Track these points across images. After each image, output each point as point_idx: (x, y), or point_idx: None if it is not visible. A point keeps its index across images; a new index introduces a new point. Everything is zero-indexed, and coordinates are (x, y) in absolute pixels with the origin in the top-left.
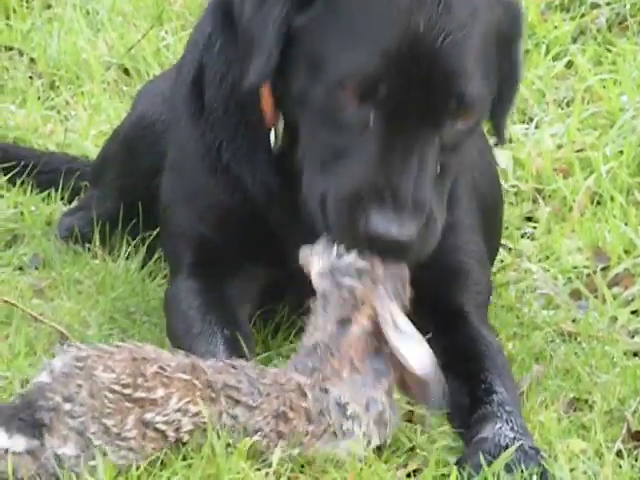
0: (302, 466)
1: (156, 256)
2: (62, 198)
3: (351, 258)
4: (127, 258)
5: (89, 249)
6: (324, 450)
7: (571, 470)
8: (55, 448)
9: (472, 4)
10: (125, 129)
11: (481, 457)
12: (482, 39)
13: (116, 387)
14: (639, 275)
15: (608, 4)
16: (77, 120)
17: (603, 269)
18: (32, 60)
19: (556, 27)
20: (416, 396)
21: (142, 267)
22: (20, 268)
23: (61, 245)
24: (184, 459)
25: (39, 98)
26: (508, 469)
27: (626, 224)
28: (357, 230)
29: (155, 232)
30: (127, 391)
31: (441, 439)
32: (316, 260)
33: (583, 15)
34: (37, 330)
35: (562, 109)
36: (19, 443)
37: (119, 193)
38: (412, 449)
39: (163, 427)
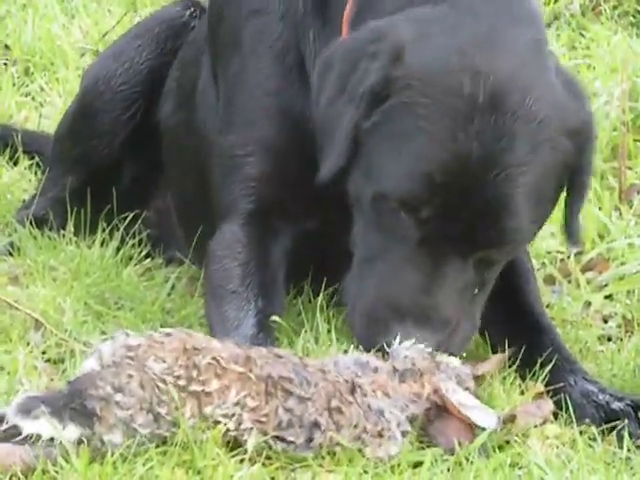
0: (276, 453)
1: (131, 242)
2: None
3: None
4: (102, 244)
5: (63, 235)
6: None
7: (545, 455)
8: (103, 435)
9: (535, 140)
10: (78, 97)
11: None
12: (540, 175)
13: (169, 378)
14: (613, 260)
15: None
16: (52, 106)
17: (577, 254)
18: (6, 47)
19: None
20: (444, 442)
21: (117, 252)
22: None
23: (36, 232)
24: (157, 446)
25: (14, 85)
26: None
27: (600, 209)
28: (379, 341)
29: (130, 216)
30: (181, 382)
31: None
32: None
33: (556, 0)
34: (12, 317)
35: None
36: (72, 433)
37: (77, 166)
38: None
39: (223, 420)
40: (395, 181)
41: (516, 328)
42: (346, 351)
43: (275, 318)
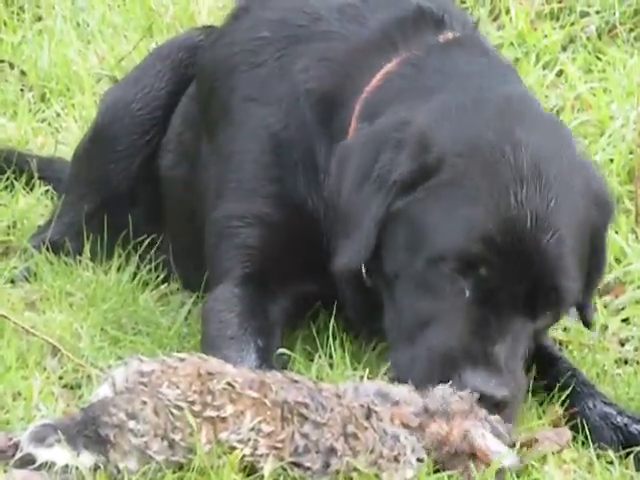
0: (293, 479)
1: (147, 267)
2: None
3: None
4: (118, 270)
5: (80, 261)
6: (393, 477)
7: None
8: (117, 462)
9: (575, 204)
10: (95, 121)
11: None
12: (579, 235)
13: (183, 404)
14: (629, 283)
15: (598, 12)
16: (68, 132)
17: None
18: (23, 72)
19: (546, 36)
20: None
21: (134, 277)
22: (12, 281)
23: (52, 257)
24: (174, 472)
25: (30, 110)
26: None
27: (616, 232)
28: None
29: (147, 240)
30: (196, 408)
31: None
32: None
33: (573, 23)
34: (29, 343)
35: None
36: (87, 460)
37: (93, 191)
38: None
39: (239, 445)
40: (453, 242)
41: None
42: (362, 377)
43: (283, 350)
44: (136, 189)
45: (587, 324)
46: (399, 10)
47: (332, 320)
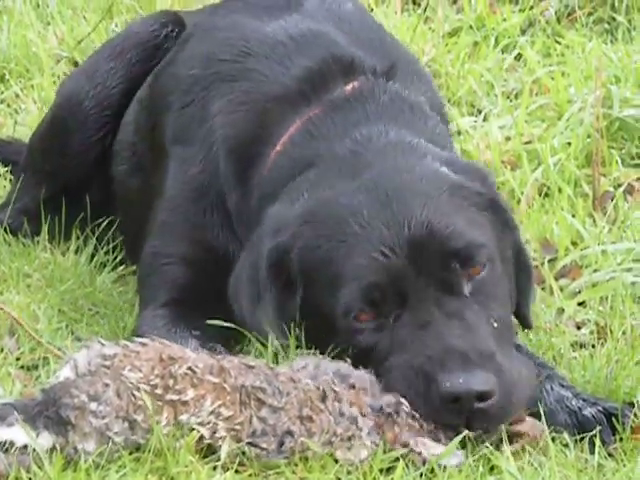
0: (249, 459)
1: (105, 249)
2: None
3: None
4: (76, 251)
5: (37, 242)
6: (346, 454)
7: (517, 461)
8: (76, 443)
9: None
10: (52, 113)
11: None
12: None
13: (145, 387)
14: (586, 267)
15: None
16: (27, 113)
17: (550, 261)
18: None
19: (505, 19)
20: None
21: (91, 259)
22: None
23: (10, 238)
24: (131, 453)
25: None
26: None
27: (574, 216)
28: (434, 402)
29: (104, 222)
30: (158, 392)
31: None
32: None
33: (532, 7)
34: None
35: (510, 101)
36: (45, 440)
37: (50, 178)
38: None
39: (199, 428)
40: (349, 295)
41: None
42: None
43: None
44: (92, 178)
45: (527, 327)
46: (315, 56)
47: None
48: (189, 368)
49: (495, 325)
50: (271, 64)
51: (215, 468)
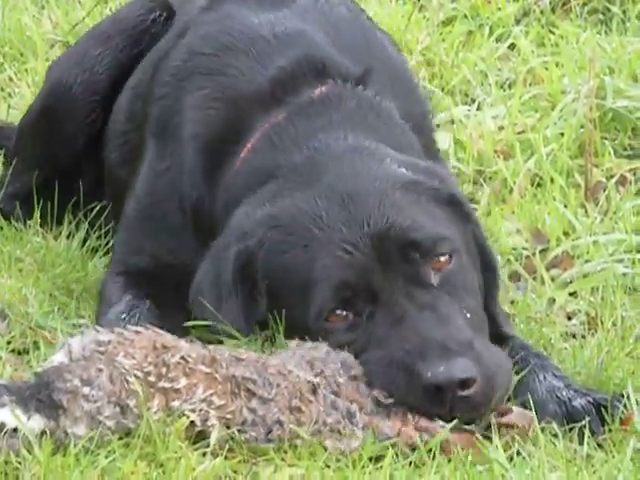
0: (240, 446)
1: (97, 233)
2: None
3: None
4: (68, 236)
5: (30, 227)
6: (337, 444)
7: (506, 451)
8: (67, 427)
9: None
10: (41, 98)
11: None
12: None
13: (138, 374)
14: (578, 257)
15: None
16: (20, 97)
17: (542, 251)
18: None
19: (500, 9)
20: None
21: (83, 244)
22: None
23: (2, 222)
24: (121, 438)
25: None
26: None
27: (566, 206)
28: (416, 394)
29: (97, 207)
30: (151, 379)
31: None
32: None
33: None
34: None
35: (504, 91)
36: (36, 424)
37: (41, 163)
38: None
39: (190, 414)
40: (317, 299)
41: None
42: None
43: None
44: (83, 163)
45: (497, 327)
46: (291, 57)
47: None
48: (182, 357)
49: (468, 316)
50: (250, 61)
51: (204, 454)
